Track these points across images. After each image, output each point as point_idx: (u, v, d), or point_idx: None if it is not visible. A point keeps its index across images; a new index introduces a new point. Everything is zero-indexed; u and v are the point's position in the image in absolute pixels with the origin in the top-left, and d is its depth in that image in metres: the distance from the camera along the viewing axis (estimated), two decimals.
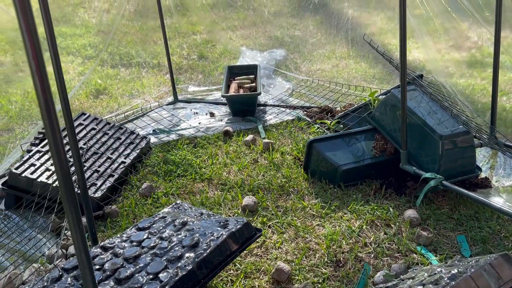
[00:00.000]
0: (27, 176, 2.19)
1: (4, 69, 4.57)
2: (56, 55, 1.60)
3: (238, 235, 1.64)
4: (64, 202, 0.93)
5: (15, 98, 3.87)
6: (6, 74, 4.47)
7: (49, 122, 0.86)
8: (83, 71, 4.53)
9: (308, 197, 2.36)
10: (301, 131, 3.05)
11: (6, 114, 3.54)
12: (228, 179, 2.57)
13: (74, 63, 4.71)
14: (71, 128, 1.65)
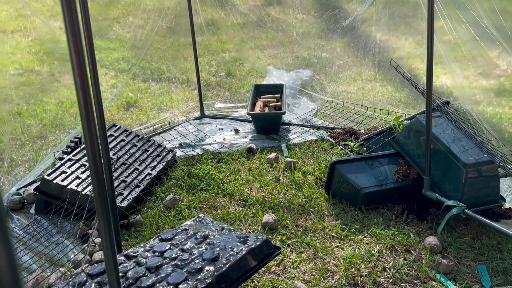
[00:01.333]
0: (58, 183, 2.29)
1: (41, 79, 4.79)
2: (95, 69, 1.70)
3: (258, 252, 1.67)
4: (98, 211, 0.99)
5: (50, 107, 4.05)
6: (42, 84, 4.68)
7: (89, 134, 0.93)
8: (115, 83, 4.70)
9: (329, 218, 2.38)
10: (324, 152, 3.07)
11: (40, 122, 3.70)
12: (250, 195, 2.61)
13: (107, 75, 4.90)
14: (104, 139, 1.73)
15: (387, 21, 5.13)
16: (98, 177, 0.96)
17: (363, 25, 5.30)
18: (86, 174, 2.41)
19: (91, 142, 0.94)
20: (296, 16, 5.55)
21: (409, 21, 5.66)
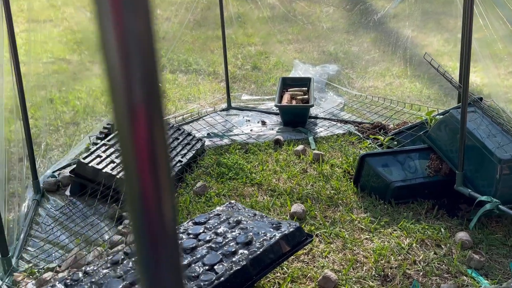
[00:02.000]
0: (93, 166, 2.35)
1: (72, 67, 4.90)
2: None
3: (290, 238, 1.69)
4: None
5: (81, 95, 4.15)
6: (73, 72, 4.80)
7: None
8: None
9: (357, 210, 2.38)
10: (351, 146, 3.07)
11: (72, 109, 3.80)
12: (278, 186, 2.63)
13: None
14: None
15: (417, 17, 5.06)
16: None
17: (392, 20, 5.24)
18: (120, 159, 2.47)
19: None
20: (324, 10, 5.51)
21: (438, 18, 5.57)
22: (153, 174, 0.32)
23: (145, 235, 0.33)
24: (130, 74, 0.30)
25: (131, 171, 0.32)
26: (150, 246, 0.33)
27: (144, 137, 0.31)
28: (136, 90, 0.30)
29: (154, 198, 0.32)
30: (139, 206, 0.33)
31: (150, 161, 0.32)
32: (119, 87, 0.30)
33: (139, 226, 0.33)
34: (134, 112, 0.31)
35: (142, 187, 0.31)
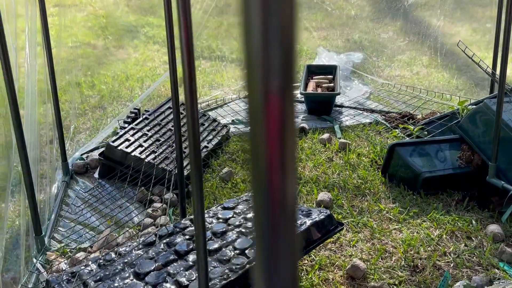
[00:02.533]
0: (122, 149, 2.37)
1: (97, 52, 4.94)
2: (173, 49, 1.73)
3: (321, 225, 1.68)
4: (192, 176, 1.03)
5: (106, 79, 4.18)
6: (98, 57, 4.83)
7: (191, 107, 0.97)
8: (168, 60, 4.78)
9: (385, 200, 2.35)
10: (378, 135, 3.02)
11: (99, 93, 3.83)
12: (303, 174, 2.61)
13: (160, 52, 4.99)
14: (177, 111, 1.77)
15: (444, 6, 4.93)
16: (195, 146, 1.00)
17: (420, 9, 5.12)
18: (148, 143, 2.49)
19: (192, 116, 0.98)
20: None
21: (465, 7, 5.41)
22: (281, 162, 0.31)
23: (267, 222, 0.32)
24: (269, 62, 0.29)
25: (259, 157, 0.31)
26: (270, 232, 0.32)
27: (276, 126, 0.30)
28: (273, 79, 0.29)
29: (279, 188, 0.31)
30: (264, 195, 0.32)
31: (280, 151, 0.31)
32: (256, 74, 0.30)
33: (262, 214, 0.32)
34: (269, 100, 0.30)
35: (269, 173, 0.31)
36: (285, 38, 0.29)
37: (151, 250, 1.63)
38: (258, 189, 0.33)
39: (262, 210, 0.33)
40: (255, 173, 0.32)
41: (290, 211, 0.33)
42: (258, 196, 0.33)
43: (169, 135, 2.65)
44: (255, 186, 0.33)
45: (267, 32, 0.29)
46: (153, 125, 2.67)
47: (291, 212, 0.33)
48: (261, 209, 0.33)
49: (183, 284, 1.45)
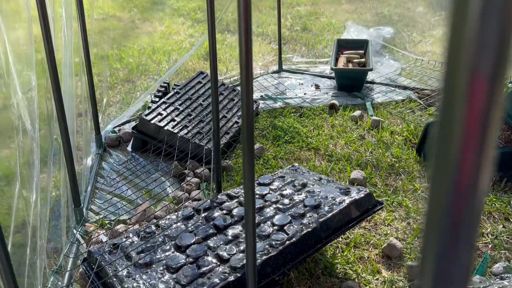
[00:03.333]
0: (155, 123, 2.37)
1: (122, 25, 4.91)
2: (213, 25, 1.69)
3: (360, 204, 1.66)
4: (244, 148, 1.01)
5: (133, 52, 4.16)
6: (124, 30, 4.81)
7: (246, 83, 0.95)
8: (193, 33, 4.73)
9: (420, 180, 2.31)
10: (412, 113, 2.95)
11: (126, 66, 3.83)
12: (335, 151, 2.58)
13: (185, 25, 4.93)
14: (215, 86, 1.75)
15: None
16: (248, 119, 0.98)
17: None
18: (180, 117, 2.48)
19: (246, 90, 0.96)
20: None
21: None
22: (477, 156, 0.28)
23: (449, 216, 0.30)
24: (483, 43, 0.26)
25: (451, 146, 0.28)
26: (450, 226, 0.30)
27: (478, 115, 0.27)
28: (484, 62, 0.26)
29: (469, 184, 0.29)
30: (449, 187, 0.29)
31: (477, 144, 0.28)
32: (464, 55, 0.27)
33: (444, 207, 0.30)
34: (475, 85, 0.27)
35: (460, 166, 0.28)
36: (504, 16, 0.26)
37: (190, 223, 1.65)
38: (442, 178, 0.30)
39: (444, 202, 0.30)
40: (441, 162, 0.30)
41: (477, 208, 0.30)
42: (440, 185, 0.30)
43: (200, 109, 2.64)
44: (438, 174, 0.30)
45: (486, 8, 0.26)
46: (184, 100, 2.66)
47: (477, 211, 0.30)
48: (443, 201, 0.30)
49: (224, 257, 1.46)
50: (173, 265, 1.43)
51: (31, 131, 1.18)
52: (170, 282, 1.37)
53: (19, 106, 1.10)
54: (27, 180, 1.15)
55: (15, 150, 1.05)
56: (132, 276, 1.40)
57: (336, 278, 1.73)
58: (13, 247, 1.08)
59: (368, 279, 1.72)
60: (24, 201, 1.14)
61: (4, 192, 1.02)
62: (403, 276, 1.72)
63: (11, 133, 1.03)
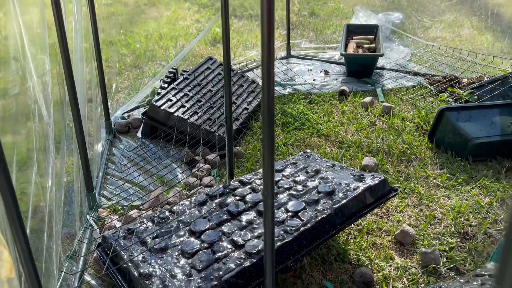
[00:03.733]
0: (165, 109, 2.36)
1: (129, 10, 4.87)
2: (227, 12, 1.66)
3: (375, 190, 1.65)
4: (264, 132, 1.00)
5: (140, 38, 4.13)
6: (131, 15, 4.76)
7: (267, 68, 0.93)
8: (199, 19, 4.68)
9: (432, 166, 2.29)
10: (423, 99, 2.92)
11: (133, 52, 3.80)
12: (345, 138, 2.56)
13: (191, 10, 4.88)
14: (228, 72, 1.73)
15: None
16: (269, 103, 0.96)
17: None
18: (190, 103, 2.47)
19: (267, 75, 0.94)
20: None
21: None
22: None
23: None
24: None
25: None
26: None
27: None
28: None
29: None
30: None
31: None
32: None
33: None
34: None
35: None
36: None
37: (204, 209, 1.64)
38: None
39: None
40: None
41: None
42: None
43: (209, 96, 2.62)
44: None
45: None
46: (193, 86, 2.64)
47: None
48: None
49: (239, 243, 1.45)
50: (188, 250, 1.43)
51: (46, 116, 1.17)
52: (186, 267, 1.37)
53: (34, 90, 1.09)
54: (43, 165, 1.15)
55: (32, 134, 1.04)
56: (147, 261, 1.40)
57: (349, 264, 1.73)
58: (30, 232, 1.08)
59: (381, 265, 1.71)
60: (40, 186, 1.14)
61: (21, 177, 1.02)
62: (416, 263, 1.72)
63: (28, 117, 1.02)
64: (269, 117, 0.99)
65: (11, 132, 0.92)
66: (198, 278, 1.33)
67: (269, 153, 1.02)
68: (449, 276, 1.65)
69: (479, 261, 1.71)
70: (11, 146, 0.92)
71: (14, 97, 0.96)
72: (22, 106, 0.99)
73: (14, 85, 0.96)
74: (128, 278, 1.40)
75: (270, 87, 0.96)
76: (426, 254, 1.70)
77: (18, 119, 0.98)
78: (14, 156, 0.94)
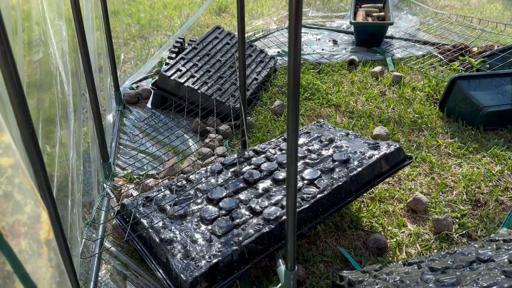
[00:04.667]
0: (175, 79, 2.34)
1: None
2: None
3: (390, 158, 1.66)
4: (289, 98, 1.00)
5: (143, 7, 4.05)
6: None
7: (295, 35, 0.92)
8: None
9: (443, 135, 2.30)
10: (433, 69, 2.90)
11: (138, 22, 3.74)
12: (356, 108, 2.55)
13: None
14: (242, 42, 1.71)
15: None
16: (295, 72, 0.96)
17: None
18: (199, 73, 2.45)
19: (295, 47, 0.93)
20: None
21: None
22: None
23: None
24: None
25: None
26: None
27: None
28: None
29: None
30: None
31: None
32: None
33: None
34: None
35: None
36: None
37: (220, 178, 1.66)
38: None
39: None
40: None
41: None
42: None
43: (218, 66, 2.60)
44: None
45: None
46: (202, 55, 2.61)
47: None
48: None
49: (257, 210, 1.47)
50: (207, 217, 1.45)
51: (66, 84, 1.16)
52: (206, 233, 1.40)
53: (55, 56, 1.08)
54: (66, 133, 1.15)
55: (55, 101, 1.04)
56: (168, 227, 1.43)
57: (362, 231, 1.76)
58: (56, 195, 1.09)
59: (394, 232, 1.74)
60: (63, 154, 1.14)
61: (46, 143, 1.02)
62: (429, 229, 1.75)
63: (50, 83, 1.02)
64: (294, 82, 0.98)
65: (36, 99, 0.92)
66: (218, 243, 1.36)
67: (294, 118, 1.02)
68: (461, 242, 1.69)
69: (491, 227, 1.73)
70: (37, 112, 0.92)
71: (38, 62, 0.95)
72: (45, 72, 0.99)
73: (38, 51, 0.95)
74: (149, 244, 1.42)
75: (297, 52, 0.96)
76: (439, 220, 1.72)
77: (42, 85, 0.97)
78: (39, 122, 0.94)
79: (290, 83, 0.99)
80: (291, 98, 1.00)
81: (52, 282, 0.60)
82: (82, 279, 1.42)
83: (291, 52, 0.95)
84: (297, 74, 0.98)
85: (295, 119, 1.03)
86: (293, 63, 0.96)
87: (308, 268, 1.56)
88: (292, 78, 0.98)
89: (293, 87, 0.99)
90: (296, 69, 0.97)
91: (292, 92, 0.99)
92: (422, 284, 1.17)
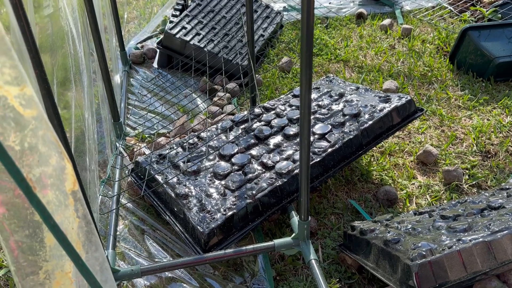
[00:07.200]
0: (181, 37, 2.31)
1: None
2: None
3: (401, 111, 1.65)
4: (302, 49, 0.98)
5: None
6: None
7: None
8: None
9: (453, 88, 2.27)
10: (443, 20, 2.82)
11: None
12: (365, 62, 2.52)
13: None
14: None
15: None
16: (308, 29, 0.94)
17: None
18: (205, 31, 2.41)
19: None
20: None
21: None
22: None
23: None
24: None
25: None
26: None
27: None
28: None
29: None
30: None
31: None
32: None
33: None
34: None
35: None
36: None
37: (231, 135, 1.67)
38: None
39: None
40: None
41: None
42: None
43: (224, 22, 2.55)
44: None
45: None
46: (207, 12, 2.56)
47: None
48: None
49: (269, 165, 1.49)
50: (220, 172, 1.48)
51: (77, 40, 1.15)
52: (219, 187, 1.43)
53: (66, 11, 1.06)
54: (80, 89, 1.15)
55: (68, 57, 1.03)
56: (182, 183, 1.45)
57: (372, 184, 1.79)
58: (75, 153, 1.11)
59: (404, 184, 1.76)
60: (79, 110, 1.15)
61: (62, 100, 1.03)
62: (439, 181, 1.77)
63: (62, 39, 1.00)
64: (308, 34, 0.97)
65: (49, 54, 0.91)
66: (232, 197, 1.39)
67: (307, 70, 1.02)
68: (471, 192, 1.71)
69: (501, 177, 1.75)
70: (50, 67, 0.92)
71: (49, 17, 0.94)
72: (56, 27, 0.97)
73: (48, 5, 0.93)
74: (164, 199, 1.46)
75: (310, 5, 0.93)
76: (449, 171, 1.74)
77: (55, 41, 0.96)
78: (54, 78, 0.94)
79: (303, 33, 0.97)
80: (304, 48, 0.99)
81: (80, 232, 0.63)
82: (102, 234, 1.46)
83: (304, 1, 0.93)
84: (310, 25, 0.96)
85: (308, 71, 1.02)
86: (306, 13, 0.94)
87: (320, 220, 1.60)
88: (305, 28, 0.96)
89: (306, 37, 0.97)
90: (310, 20, 0.95)
91: (305, 41, 0.98)
92: (434, 231, 1.20)
